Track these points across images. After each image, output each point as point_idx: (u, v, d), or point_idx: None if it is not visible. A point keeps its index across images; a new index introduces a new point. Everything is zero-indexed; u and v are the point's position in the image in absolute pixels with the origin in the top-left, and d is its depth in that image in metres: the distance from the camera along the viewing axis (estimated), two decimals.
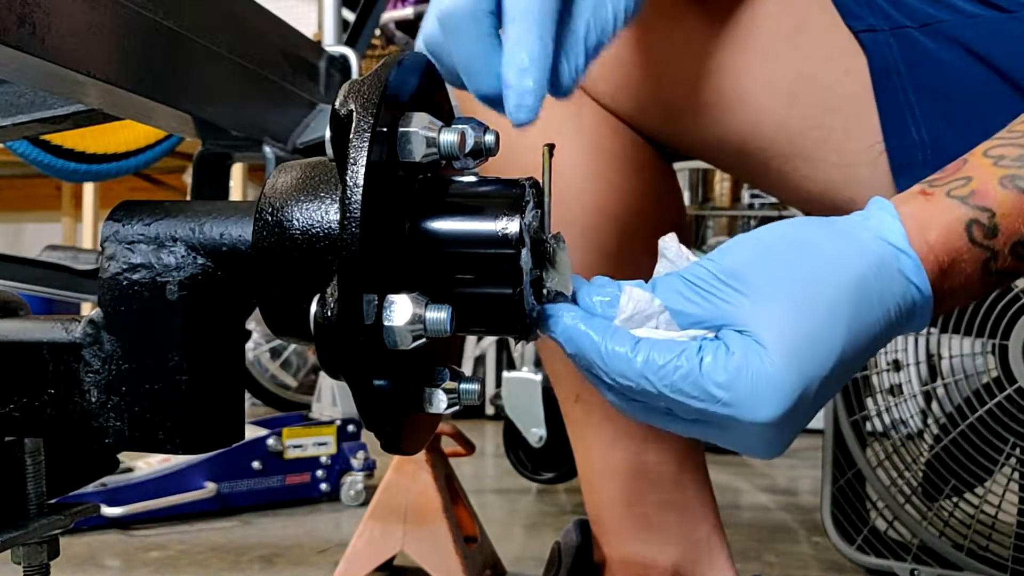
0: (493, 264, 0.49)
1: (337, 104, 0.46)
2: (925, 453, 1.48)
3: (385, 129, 0.47)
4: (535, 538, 1.78)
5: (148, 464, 1.81)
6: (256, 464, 1.88)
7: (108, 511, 1.69)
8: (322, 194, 0.49)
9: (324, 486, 1.96)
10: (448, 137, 0.49)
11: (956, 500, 1.47)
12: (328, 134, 0.48)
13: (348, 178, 0.44)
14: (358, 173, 0.44)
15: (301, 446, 1.95)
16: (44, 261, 1.42)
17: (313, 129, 1.09)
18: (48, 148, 1.94)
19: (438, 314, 0.46)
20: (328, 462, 1.97)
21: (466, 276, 0.50)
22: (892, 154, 0.82)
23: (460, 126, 0.49)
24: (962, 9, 0.78)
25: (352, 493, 1.95)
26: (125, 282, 0.51)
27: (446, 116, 0.55)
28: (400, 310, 0.46)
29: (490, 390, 3.07)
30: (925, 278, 0.53)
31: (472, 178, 0.53)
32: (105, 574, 1.53)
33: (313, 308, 0.46)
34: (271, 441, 1.92)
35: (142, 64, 0.70)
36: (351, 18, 1.60)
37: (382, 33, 3.14)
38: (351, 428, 2.02)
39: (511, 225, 0.49)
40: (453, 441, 1.47)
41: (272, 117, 1.02)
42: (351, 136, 0.45)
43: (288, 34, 1.04)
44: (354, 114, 0.45)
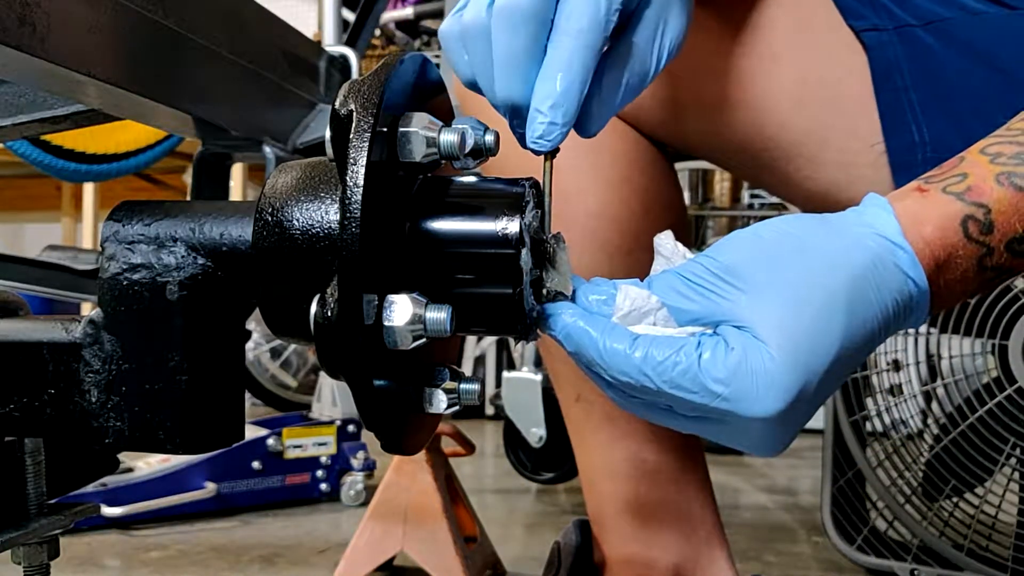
0: (493, 264, 0.49)
1: (337, 104, 0.46)
2: (925, 453, 1.48)
3: (385, 129, 0.47)
4: (535, 538, 1.78)
5: (148, 464, 1.81)
6: (256, 464, 1.88)
7: (108, 511, 1.69)
8: (322, 194, 0.49)
9: (324, 486, 1.96)
10: (448, 137, 0.49)
11: (956, 500, 1.47)
12: (328, 134, 0.48)
13: (348, 178, 0.44)
14: (358, 173, 0.44)
15: (301, 446, 1.95)
16: (44, 261, 1.42)
17: (313, 129, 1.09)
18: (48, 148, 1.94)
19: (438, 314, 0.46)
20: (328, 462, 1.97)
21: (466, 276, 0.50)
22: (892, 154, 0.82)
23: (460, 126, 0.49)
24: (968, 7, 0.78)
25: (352, 493, 1.95)
26: (125, 282, 0.51)
27: (446, 116, 0.55)
28: (400, 310, 0.46)
29: (490, 390, 3.07)
30: (921, 272, 0.53)
31: (472, 178, 0.53)
32: (105, 574, 1.53)
33: (313, 308, 0.46)
34: (271, 441, 1.92)
35: (142, 64, 0.71)
36: (351, 18, 1.60)
37: (382, 33, 3.15)
38: (351, 428, 2.02)
39: (511, 225, 0.49)
40: (453, 441, 1.47)
41: (272, 117, 1.02)
42: (351, 136, 0.45)
43: (288, 34, 1.04)
44: (354, 114, 0.45)
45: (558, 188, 0.58)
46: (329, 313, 0.45)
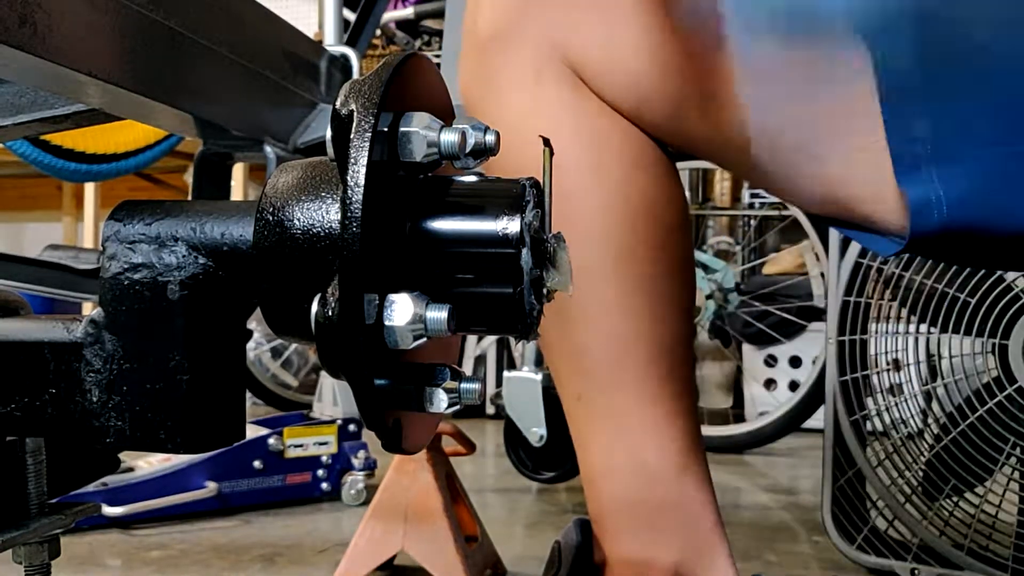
0: (493, 264, 0.49)
1: (338, 104, 0.46)
2: (925, 453, 1.49)
3: (386, 129, 0.47)
4: (536, 537, 1.78)
5: (149, 464, 1.81)
6: (257, 464, 1.89)
7: (109, 511, 1.69)
8: (323, 194, 0.49)
9: (325, 485, 1.96)
10: (449, 137, 0.49)
11: (956, 499, 1.47)
12: (329, 134, 0.48)
13: (349, 178, 0.44)
14: (359, 173, 0.44)
15: (302, 445, 1.95)
16: (45, 261, 1.42)
17: (314, 129, 1.09)
18: (48, 148, 1.94)
19: (438, 314, 0.46)
20: (329, 461, 1.97)
21: (466, 276, 0.50)
22: (893, 152, 0.82)
23: (461, 126, 0.49)
24: None
25: (353, 492, 1.95)
26: (126, 282, 0.51)
27: (447, 116, 0.55)
28: (401, 310, 0.46)
29: (491, 389, 3.08)
30: None
31: (473, 178, 0.53)
32: (106, 574, 1.53)
33: (314, 308, 0.46)
34: (272, 440, 1.92)
35: (143, 64, 0.71)
36: (352, 18, 1.60)
37: (383, 33, 3.15)
38: (352, 427, 2.02)
39: (511, 225, 0.49)
40: (454, 440, 1.47)
41: (273, 117, 1.02)
42: (352, 136, 0.45)
43: (289, 34, 1.04)
44: (355, 114, 0.46)
45: (559, 187, 0.58)
46: (330, 312, 0.45)
